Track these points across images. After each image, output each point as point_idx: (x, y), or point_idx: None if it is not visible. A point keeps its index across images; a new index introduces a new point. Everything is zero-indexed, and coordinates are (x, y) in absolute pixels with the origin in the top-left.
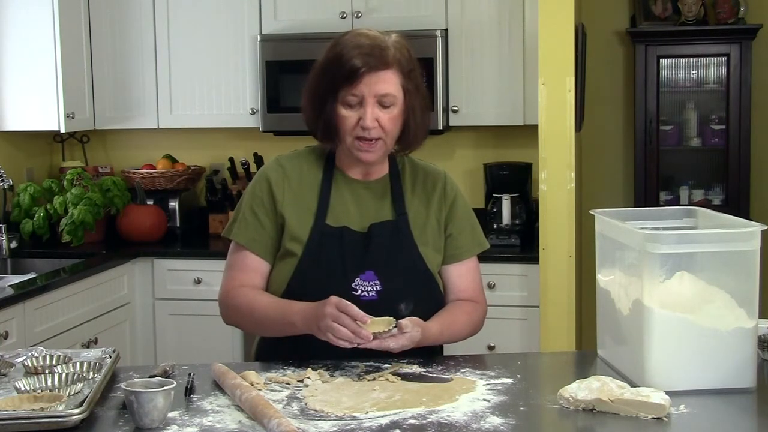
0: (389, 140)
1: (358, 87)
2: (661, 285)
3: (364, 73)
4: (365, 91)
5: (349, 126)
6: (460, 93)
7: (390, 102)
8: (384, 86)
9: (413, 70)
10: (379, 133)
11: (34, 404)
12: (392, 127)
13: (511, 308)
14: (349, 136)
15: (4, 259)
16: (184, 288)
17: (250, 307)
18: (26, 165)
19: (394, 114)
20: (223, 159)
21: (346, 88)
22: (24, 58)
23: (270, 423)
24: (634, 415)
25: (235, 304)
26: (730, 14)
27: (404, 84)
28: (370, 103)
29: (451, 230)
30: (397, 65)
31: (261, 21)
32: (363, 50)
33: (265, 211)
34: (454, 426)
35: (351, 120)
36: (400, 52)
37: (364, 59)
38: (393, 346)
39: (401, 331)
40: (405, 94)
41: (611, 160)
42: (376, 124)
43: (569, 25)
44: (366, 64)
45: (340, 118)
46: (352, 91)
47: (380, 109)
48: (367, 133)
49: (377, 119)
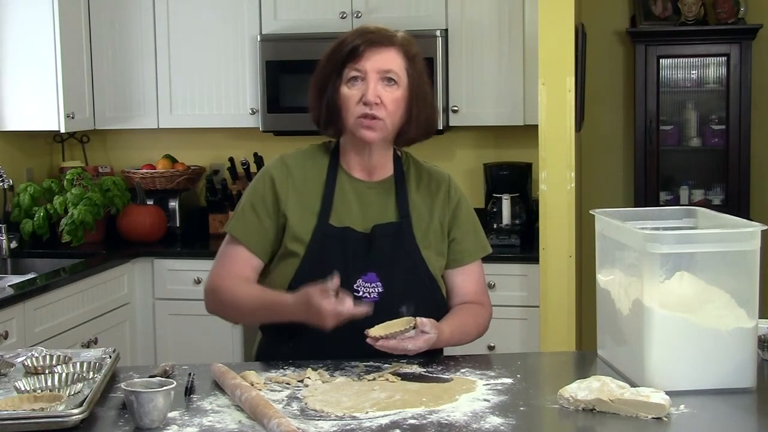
0: (390, 122)
1: (360, 62)
2: (661, 285)
3: (366, 48)
4: (367, 65)
5: (351, 104)
6: (460, 93)
7: (393, 79)
8: (386, 62)
9: (418, 56)
10: (381, 112)
11: (34, 404)
12: (395, 108)
13: (511, 308)
14: (351, 116)
15: (4, 259)
16: (184, 288)
17: (233, 296)
18: (26, 165)
19: (396, 95)
20: (223, 159)
21: (349, 65)
22: (24, 58)
23: (270, 423)
24: (634, 415)
25: (218, 293)
26: (730, 14)
27: (408, 68)
28: (373, 78)
29: (455, 234)
30: (401, 47)
31: (261, 21)
32: (368, 32)
33: (265, 208)
34: (454, 426)
35: (354, 97)
36: (406, 39)
37: (367, 37)
38: (410, 348)
39: (421, 329)
40: (409, 78)
41: (611, 160)
42: (378, 100)
43: (569, 25)
44: (368, 41)
45: (343, 97)
46: (355, 67)
47: (383, 87)
48: (369, 109)
49: (380, 96)
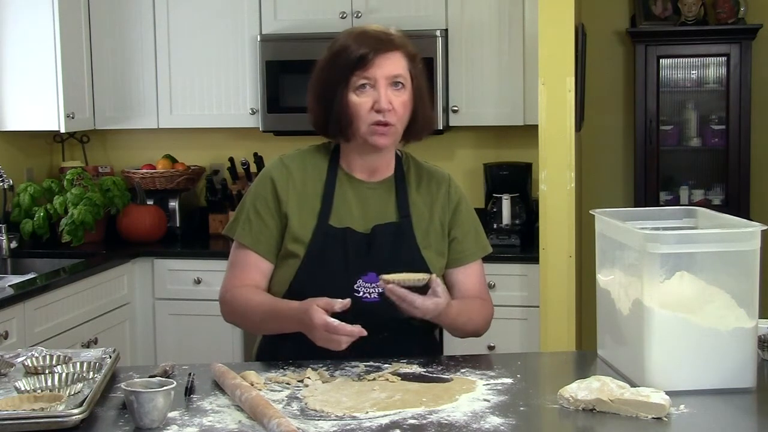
0: (401, 126)
1: (369, 70)
2: (661, 285)
3: (374, 56)
4: (377, 73)
5: (363, 112)
6: (460, 93)
7: (401, 83)
8: (394, 67)
9: (417, 55)
10: (393, 118)
11: (34, 404)
12: (404, 111)
13: (511, 308)
14: (363, 124)
15: (4, 259)
16: (184, 288)
17: (246, 307)
18: (26, 165)
19: (404, 98)
20: (223, 159)
21: (357, 73)
22: (24, 58)
23: (270, 423)
24: (634, 415)
25: (233, 304)
26: (730, 14)
27: (411, 68)
28: (383, 84)
29: (455, 234)
30: (404, 48)
31: (261, 21)
32: (369, 37)
33: (269, 211)
34: (454, 426)
35: (365, 105)
36: (403, 40)
37: (373, 44)
38: (418, 304)
39: (434, 287)
40: (413, 79)
41: (611, 160)
42: (391, 106)
43: (569, 25)
44: (375, 48)
45: (353, 105)
46: (364, 75)
47: (392, 92)
48: (383, 116)
49: (390, 102)
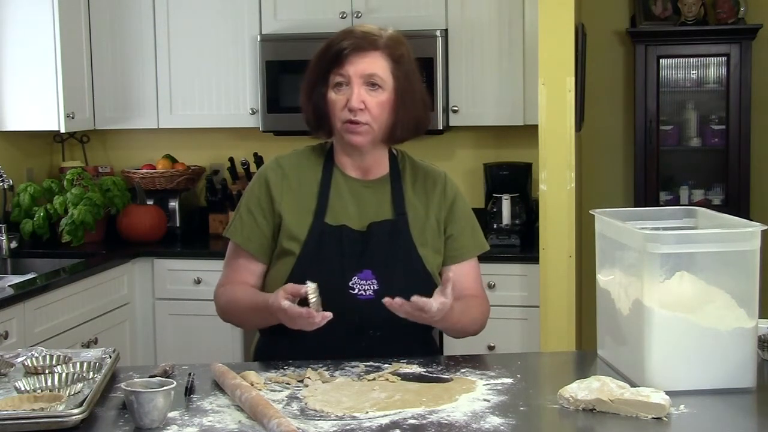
0: (376, 126)
1: (344, 67)
2: (661, 285)
3: (350, 53)
4: (351, 71)
5: (337, 109)
6: (460, 93)
7: (377, 84)
8: (369, 66)
9: (404, 57)
10: (365, 117)
11: (34, 404)
12: (379, 111)
13: (511, 308)
14: (338, 121)
15: (4, 259)
16: (184, 288)
17: (233, 303)
18: (26, 165)
19: (381, 99)
20: (223, 159)
21: (334, 70)
22: (24, 58)
23: (270, 423)
24: (634, 415)
25: (221, 301)
26: (730, 14)
27: (393, 70)
28: (356, 83)
29: (451, 231)
30: (386, 49)
31: (261, 21)
32: (352, 36)
33: (261, 210)
34: (454, 426)
35: (339, 103)
36: (391, 40)
37: (351, 41)
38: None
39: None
40: (394, 81)
41: (611, 160)
42: (362, 105)
43: (569, 25)
44: (352, 45)
45: (330, 102)
46: (339, 72)
47: (368, 92)
48: (353, 115)
49: (364, 101)
